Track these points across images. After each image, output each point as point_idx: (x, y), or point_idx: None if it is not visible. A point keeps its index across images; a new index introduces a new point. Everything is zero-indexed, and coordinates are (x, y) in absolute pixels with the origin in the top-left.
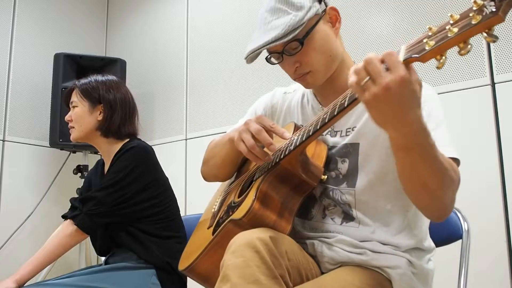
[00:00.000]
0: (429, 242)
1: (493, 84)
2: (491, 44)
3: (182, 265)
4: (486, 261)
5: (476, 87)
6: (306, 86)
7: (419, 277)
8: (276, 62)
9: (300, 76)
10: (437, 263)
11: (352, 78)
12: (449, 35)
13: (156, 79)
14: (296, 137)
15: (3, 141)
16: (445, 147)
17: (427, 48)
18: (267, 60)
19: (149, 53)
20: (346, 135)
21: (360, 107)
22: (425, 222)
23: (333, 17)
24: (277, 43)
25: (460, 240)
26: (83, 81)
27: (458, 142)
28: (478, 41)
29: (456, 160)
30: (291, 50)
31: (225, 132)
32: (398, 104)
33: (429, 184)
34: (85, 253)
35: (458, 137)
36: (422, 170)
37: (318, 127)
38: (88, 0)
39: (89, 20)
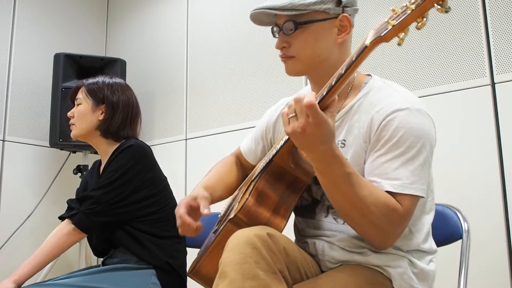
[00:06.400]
0: (430, 245)
1: (493, 84)
2: (491, 44)
3: (189, 270)
4: (486, 261)
5: (476, 87)
6: (287, 70)
7: (419, 277)
8: (275, 35)
9: (284, 57)
10: (437, 263)
11: (285, 109)
12: (407, 12)
13: (156, 79)
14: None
15: (3, 141)
16: (392, 180)
17: (389, 27)
18: (272, 30)
19: (149, 53)
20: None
21: (348, 121)
22: (426, 224)
23: (343, 27)
24: (270, 12)
25: (460, 240)
26: (90, 80)
27: (458, 143)
28: (478, 41)
29: (407, 196)
30: (286, 30)
31: (227, 132)
32: (312, 139)
33: (345, 209)
34: (85, 253)
35: (458, 137)
36: (335, 194)
37: None
38: (88, 0)
39: (89, 20)
